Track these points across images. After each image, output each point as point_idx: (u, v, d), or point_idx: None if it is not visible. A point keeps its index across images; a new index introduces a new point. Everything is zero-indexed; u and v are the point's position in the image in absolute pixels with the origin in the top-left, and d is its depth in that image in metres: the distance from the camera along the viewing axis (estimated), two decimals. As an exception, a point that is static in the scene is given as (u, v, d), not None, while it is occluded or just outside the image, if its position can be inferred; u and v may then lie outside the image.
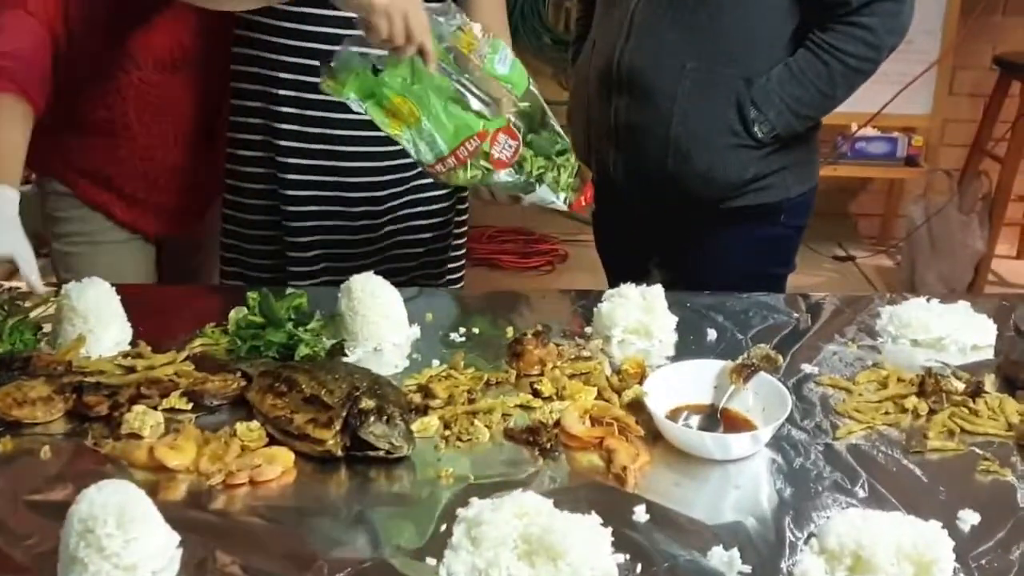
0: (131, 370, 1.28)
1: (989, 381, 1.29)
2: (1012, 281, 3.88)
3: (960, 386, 1.27)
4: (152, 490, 1.03)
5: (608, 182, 1.75)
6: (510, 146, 1.38)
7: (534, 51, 3.81)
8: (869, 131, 3.58)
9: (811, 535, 0.98)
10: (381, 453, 1.11)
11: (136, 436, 1.15)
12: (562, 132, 1.47)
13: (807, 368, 1.36)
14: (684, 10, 1.65)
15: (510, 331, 1.42)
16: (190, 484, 1.09)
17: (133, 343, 1.37)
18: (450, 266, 1.89)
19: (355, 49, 1.36)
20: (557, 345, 1.36)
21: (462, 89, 1.39)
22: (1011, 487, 1.10)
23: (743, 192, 1.71)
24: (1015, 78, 3.59)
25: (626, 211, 1.84)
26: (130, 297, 1.42)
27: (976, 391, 1.26)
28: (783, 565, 0.97)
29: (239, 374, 1.27)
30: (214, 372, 1.29)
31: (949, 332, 1.40)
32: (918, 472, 1.13)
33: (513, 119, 1.41)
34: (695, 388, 1.24)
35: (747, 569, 0.96)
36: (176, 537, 0.97)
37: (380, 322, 1.37)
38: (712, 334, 1.45)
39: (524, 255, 3.83)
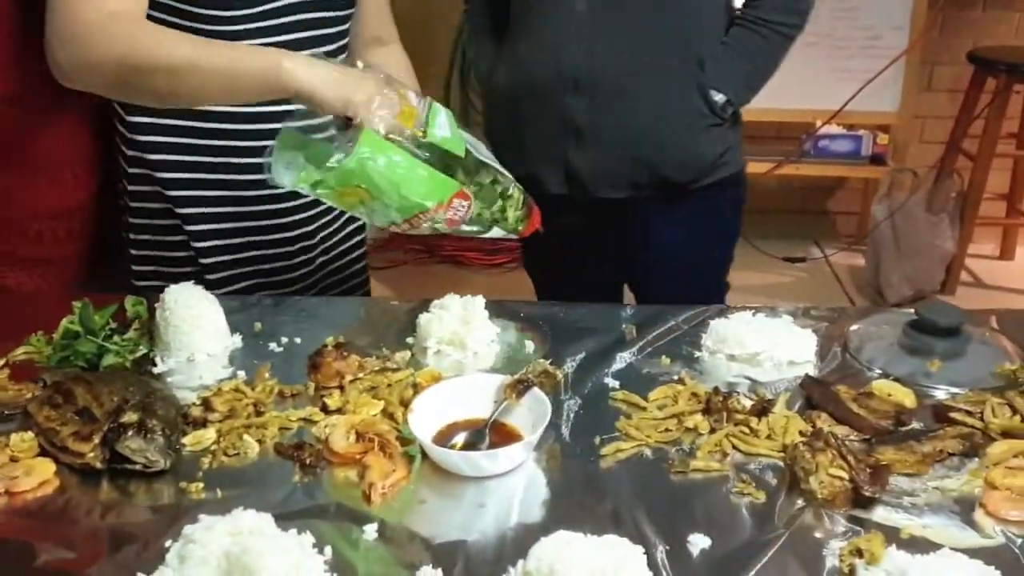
0: (-65, 381, 1.32)
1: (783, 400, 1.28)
2: (990, 282, 3.79)
3: (748, 404, 1.25)
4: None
5: (567, 180, 1.82)
6: (463, 206, 1.36)
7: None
8: (834, 128, 3.52)
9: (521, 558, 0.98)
10: (138, 467, 1.13)
11: (-83, 445, 1.18)
12: (502, 169, 1.46)
13: (610, 383, 1.35)
14: (632, 7, 1.71)
15: (330, 340, 1.43)
16: (-47, 494, 1.12)
17: (-38, 351, 1.41)
18: (355, 269, 1.90)
19: (292, 129, 1.36)
20: (363, 357, 1.37)
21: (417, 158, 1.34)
22: (755, 510, 1.09)
23: (715, 168, 1.86)
24: (990, 74, 3.51)
25: (572, 213, 1.86)
26: None
27: (763, 410, 1.24)
28: (486, 585, 0.97)
29: (41, 383, 1.30)
30: (31, 382, 1.32)
31: (765, 348, 1.38)
32: (670, 493, 1.12)
33: (461, 179, 1.38)
34: (474, 403, 1.24)
35: (449, 588, 0.97)
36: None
37: (193, 332, 1.39)
38: (530, 346, 1.45)
39: (489, 252, 3.84)
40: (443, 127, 1.36)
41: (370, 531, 1.05)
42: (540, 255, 2.08)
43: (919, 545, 1.02)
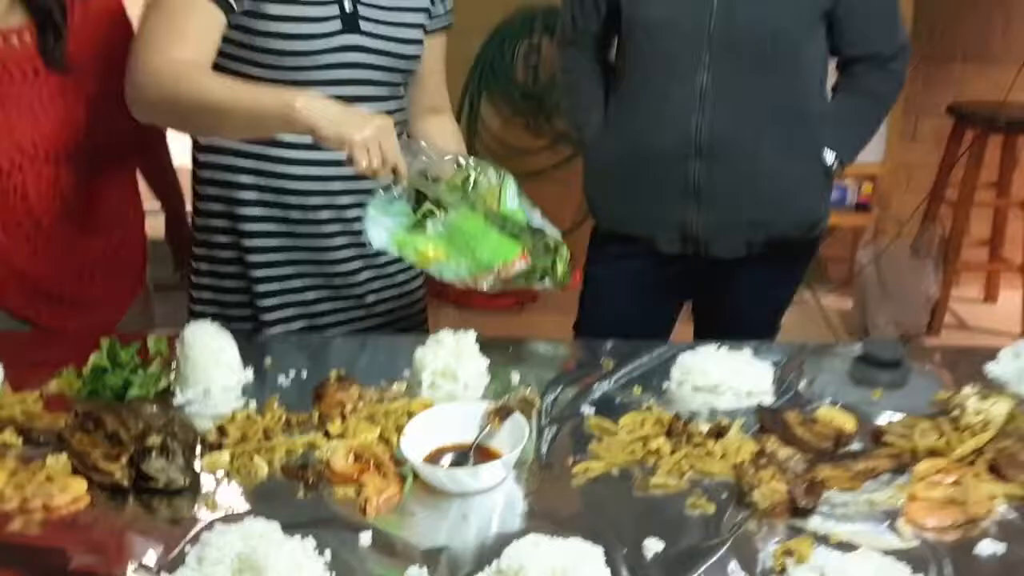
0: (-21, 409, 1.47)
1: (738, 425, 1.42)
2: (975, 325, 3.93)
3: (704, 427, 1.40)
4: (-40, 511, 1.22)
5: (683, 240, 2.03)
6: (522, 265, 1.56)
7: (509, 108, 4.01)
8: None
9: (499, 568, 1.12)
10: (160, 485, 1.28)
11: (-35, 466, 1.33)
12: (554, 231, 1.63)
13: (586, 410, 1.49)
14: (755, 79, 1.91)
15: (333, 373, 1.58)
16: (-7, 507, 1.27)
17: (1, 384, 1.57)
18: (414, 311, 2.04)
19: (384, 194, 1.54)
20: (363, 388, 1.52)
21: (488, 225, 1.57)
22: (704, 520, 1.23)
23: (819, 224, 2.11)
24: (968, 126, 3.68)
25: (668, 269, 2.09)
26: (11, 341, 1.62)
27: (719, 434, 1.39)
28: (465, 584, 1.12)
29: (74, 413, 1.45)
30: (64, 411, 1.47)
31: (725, 379, 1.53)
32: (632, 506, 1.26)
33: (522, 242, 1.58)
34: (460, 428, 1.38)
35: (433, 585, 1.11)
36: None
37: (209, 367, 1.54)
38: (516, 377, 1.60)
39: (494, 295, 3.97)
40: (512, 199, 1.57)
41: (365, 538, 1.19)
42: (606, 294, 2.17)
43: (846, 548, 1.15)
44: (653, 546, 1.17)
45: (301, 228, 1.80)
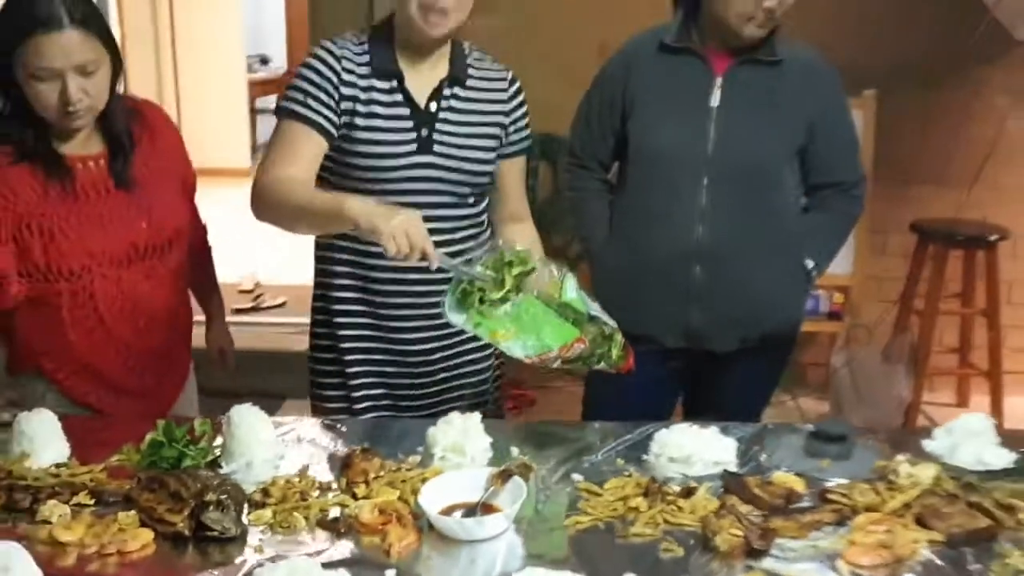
0: (55, 476, 1.71)
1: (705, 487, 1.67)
2: (947, 427, 4.16)
3: (676, 488, 1.65)
4: (49, 558, 1.45)
5: (685, 336, 2.33)
6: (579, 348, 1.83)
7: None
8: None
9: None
10: (216, 533, 1.52)
11: (47, 522, 1.57)
12: (609, 320, 1.90)
13: (576, 476, 1.74)
14: (746, 199, 2.26)
15: (358, 448, 1.82)
16: (78, 554, 1.49)
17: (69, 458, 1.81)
18: (485, 389, 2.28)
19: (463, 278, 1.79)
20: (384, 459, 1.77)
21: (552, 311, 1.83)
22: (675, 561, 1.47)
23: (800, 323, 2.47)
24: (930, 242, 4.00)
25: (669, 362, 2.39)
26: (77, 424, 1.87)
27: (688, 493, 1.63)
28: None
29: (136, 480, 1.69)
30: (126, 479, 1.71)
31: (696, 451, 1.77)
32: (614, 551, 1.50)
33: (581, 328, 1.85)
34: (469, 489, 1.63)
35: (447, 612, 1.34)
36: (50, 586, 1.38)
37: (251, 442, 1.79)
38: (515, 451, 1.84)
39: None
40: (571, 290, 1.84)
41: (390, 574, 1.43)
42: (611, 390, 2.31)
43: (793, 582, 1.39)
44: (632, 580, 1.41)
45: (383, 311, 2.11)
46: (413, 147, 2.03)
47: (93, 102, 1.92)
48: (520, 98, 2.18)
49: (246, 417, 1.82)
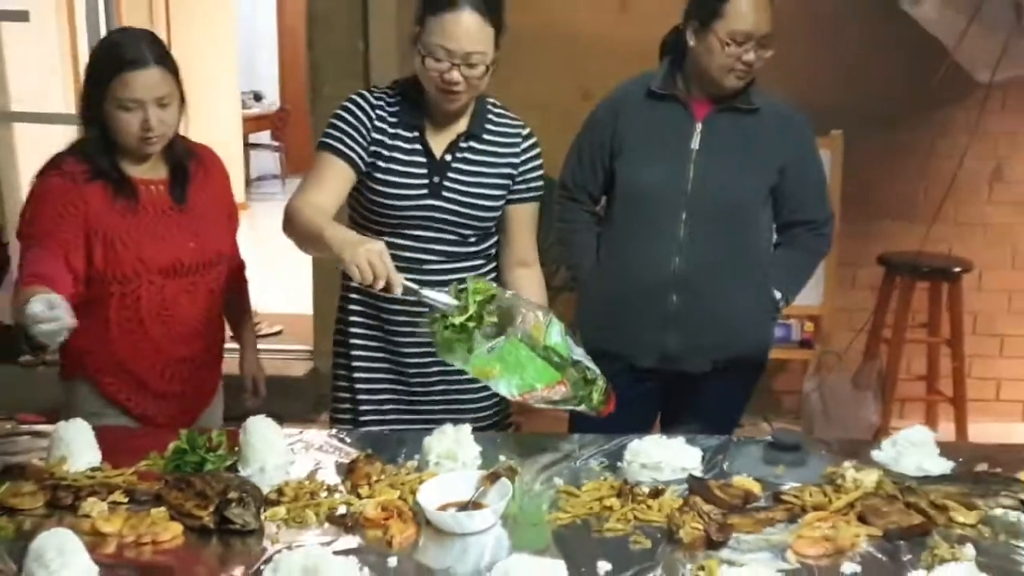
0: (92, 478, 1.90)
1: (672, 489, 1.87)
2: (914, 450, 4.37)
3: (646, 490, 1.85)
4: (93, 546, 1.63)
5: (660, 357, 2.56)
6: (561, 390, 2.00)
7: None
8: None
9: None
10: (238, 526, 1.71)
11: (88, 516, 1.76)
12: (592, 365, 2.06)
13: (557, 480, 1.94)
14: (721, 233, 2.50)
15: (361, 455, 2.02)
16: (117, 543, 1.69)
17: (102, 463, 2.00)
18: (493, 412, 2.44)
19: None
20: (384, 464, 1.96)
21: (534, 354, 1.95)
22: (643, 551, 1.66)
23: (767, 348, 2.68)
24: (896, 275, 4.23)
25: (645, 381, 2.60)
26: (107, 434, 2.07)
27: (656, 494, 1.83)
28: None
29: (164, 481, 1.89)
30: (155, 480, 1.90)
31: (665, 458, 1.98)
32: (589, 543, 1.70)
33: (564, 371, 2.00)
34: (462, 489, 1.82)
35: (441, 590, 1.54)
36: (95, 568, 1.56)
37: (264, 449, 1.98)
38: (503, 458, 2.03)
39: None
40: (556, 334, 1.99)
41: (392, 561, 1.62)
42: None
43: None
44: (604, 567, 1.60)
45: (392, 334, 2.34)
46: (425, 191, 2.25)
47: (166, 130, 2.25)
48: (534, 151, 2.37)
49: (260, 427, 2.02)
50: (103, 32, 4.66)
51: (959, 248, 4.49)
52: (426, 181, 2.26)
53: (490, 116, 2.33)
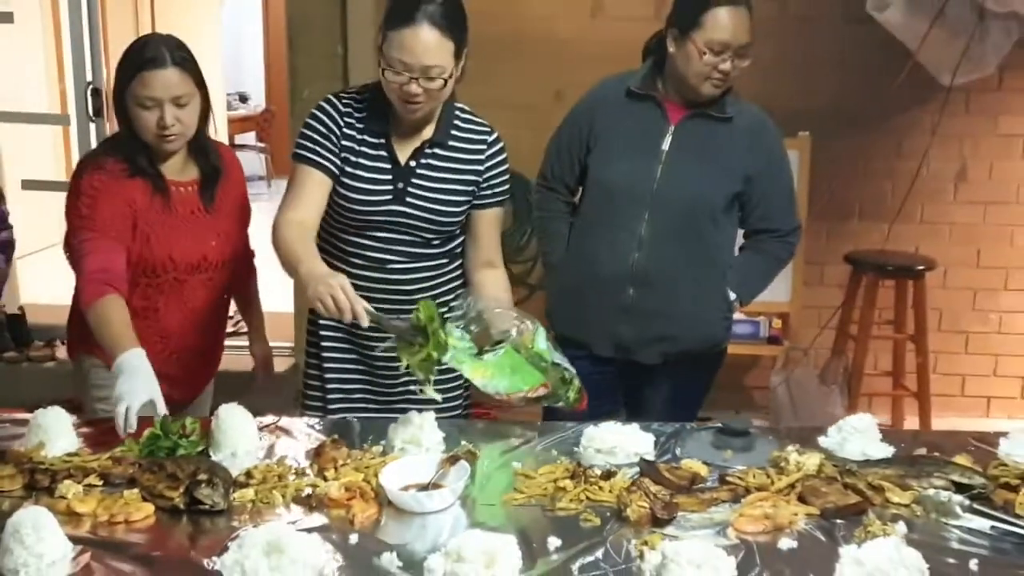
0: (68, 462, 1.98)
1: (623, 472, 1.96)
2: (881, 444, 4.47)
3: (599, 472, 1.94)
4: (66, 523, 1.72)
5: (615, 347, 2.66)
6: (543, 390, 2.15)
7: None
8: (738, 315, 4.28)
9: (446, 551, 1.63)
10: (207, 506, 1.80)
11: (64, 498, 1.84)
12: (569, 366, 2.20)
13: (516, 465, 2.02)
14: (681, 232, 2.60)
15: (328, 439, 2.10)
16: (91, 523, 1.77)
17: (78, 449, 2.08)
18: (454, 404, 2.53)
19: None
20: (350, 449, 2.05)
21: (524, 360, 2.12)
22: (592, 528, 1.76)
23: (719, 344, 2.76)
24: (863, 273, 4.34)
25: (605, 368, 2.70)
26: (86, 423, 2.15)
27: (608, 475, 1.92)
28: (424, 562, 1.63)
29: (137, 464, 1.97)
30: (129, 465, 1.98)
31: (619, 443, 2.07)
32: (542, 521, 1.79)
33: (546, 374, 2.15)
34: (423, 471, 1.91)
35: (400, 563, 1.62)
36: (70, 545, 1.64)
37: (235, 435, 2.06)
38: (464, 443, 2.12)
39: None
40: (541, 341, 2.14)
41: (353, 539, 1.71)
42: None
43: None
44: (554, 542, 1.69)
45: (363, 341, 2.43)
46: (389, 197, 2.34)
47: (184, 129, 2.34)
48: (499, 157, 2.44)
49: (232, 414, 2.10)
50: (87, 34, 4.73)
51: (925, 247, 4.59)
52: (390, 187, 2.34)
53: (457, 123, 2.40)
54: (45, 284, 5.62)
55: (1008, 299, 4.75)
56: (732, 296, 2.71)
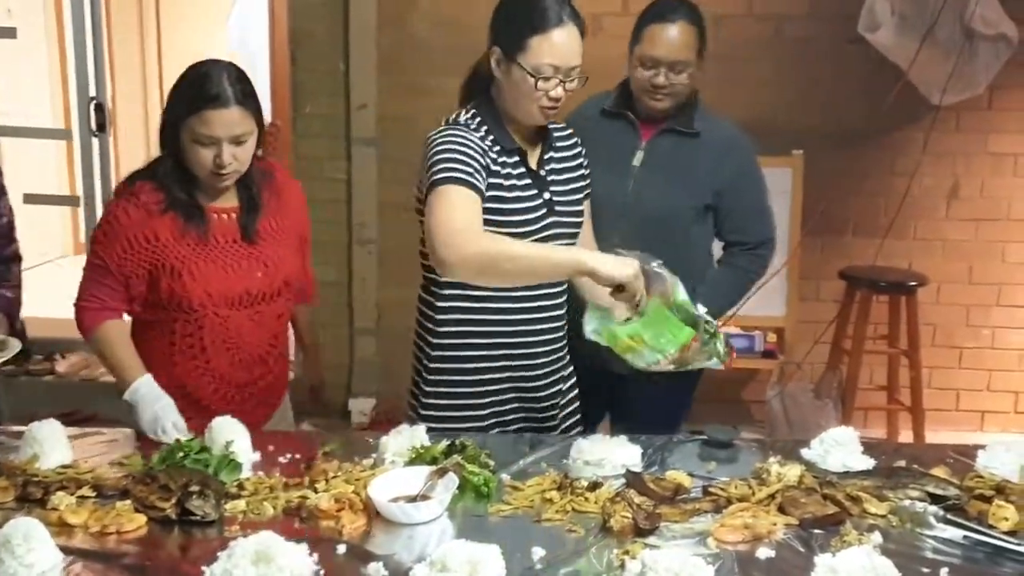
0: (62, 474, 2.02)
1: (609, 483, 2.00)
2: (875, 458, 4.50)
3: (585, 483, 1.97)
4: (59, 536, 1.76)
5: (590, 354, 2.55)
6: (695, 346, 2.11)
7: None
8: (733, 329, 4.32)
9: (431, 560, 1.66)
10: (198, 517, 1.84)
11: (57, 510, 1.88)
12: (709, 318, 2.17)
13: (504, 477, 2.06)
14: (654, 243, 2.44)
15: (320, 451, 2.14)
16: (83, 534, 1.81)
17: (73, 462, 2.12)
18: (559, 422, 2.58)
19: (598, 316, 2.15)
20: (342, 462, 2.09)
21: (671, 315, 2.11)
22: (576, 539, 1.79)
23: None
24: (857, 288, 4.37)
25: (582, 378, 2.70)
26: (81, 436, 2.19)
27: (594, 487, 1.96)
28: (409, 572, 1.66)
29: (129, 476, 2.00)
30: (120, 478, 2.02)
31: (606, 455, 2.10)
32: (528, 531, 1.82)
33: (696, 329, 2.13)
34: (411, 483, 1.94)
35: (386, 573, 1.66)
36: (61, 555, 1.68)
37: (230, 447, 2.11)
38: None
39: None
40: (682, 294, 2.13)
41: (342, 549, 1.75)
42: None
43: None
44: (538, 552, 1.73)
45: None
46: (544, 211, 2.36)
47: (239, 166, 2.28)
48: (580, 147, 2.53)
49: (226, 427, 2.14)
50: (91, 49, 4.78)
51: (918, 263, 4.64)
52: (540, 201, 2.35)
53: (550, 126, 2.44)
54: (45, 298, 5.66)
55: (1001, 315, 4.79)
56: (702, 310, 2.69)
